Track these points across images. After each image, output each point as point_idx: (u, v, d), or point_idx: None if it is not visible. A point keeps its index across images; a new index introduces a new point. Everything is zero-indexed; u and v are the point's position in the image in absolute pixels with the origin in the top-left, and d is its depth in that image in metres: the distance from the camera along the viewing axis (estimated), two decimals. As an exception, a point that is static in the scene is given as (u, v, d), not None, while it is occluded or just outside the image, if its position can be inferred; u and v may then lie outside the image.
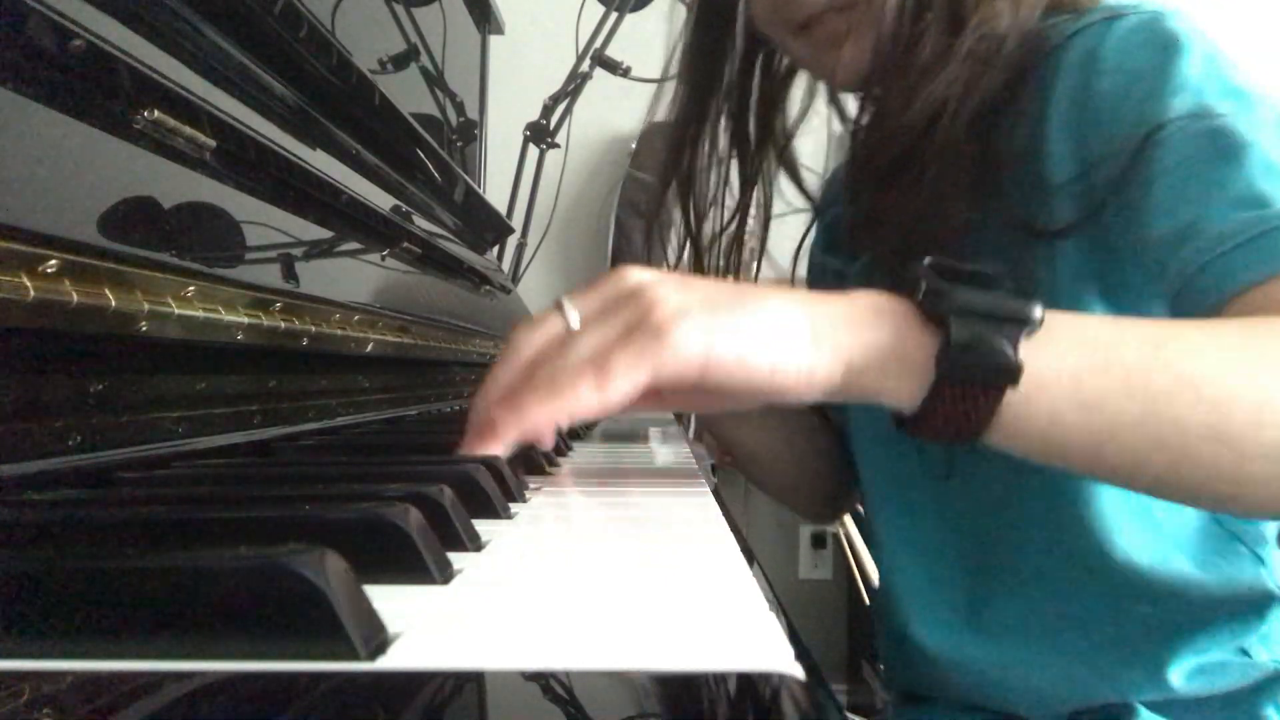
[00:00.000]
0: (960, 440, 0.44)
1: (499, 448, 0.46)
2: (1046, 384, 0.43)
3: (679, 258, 0.78)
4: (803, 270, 0.81)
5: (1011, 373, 0.42)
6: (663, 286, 0.44)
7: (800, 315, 0.44)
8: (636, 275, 0.45)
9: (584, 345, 0.44)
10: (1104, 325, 0.47)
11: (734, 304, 0.44)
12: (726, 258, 0.75)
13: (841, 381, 0.44)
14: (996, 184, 0.57)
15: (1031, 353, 0.43)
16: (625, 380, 0.42)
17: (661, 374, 0.42)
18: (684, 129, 0.73)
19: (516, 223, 1.88)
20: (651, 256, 0.79)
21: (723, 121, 0.73)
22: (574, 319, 0.46)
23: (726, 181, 0.76)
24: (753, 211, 0.76)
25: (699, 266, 0.75)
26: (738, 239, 0.75)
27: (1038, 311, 0.43)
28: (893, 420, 0.46)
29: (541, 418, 0.44)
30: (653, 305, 0.43)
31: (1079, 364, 0.43)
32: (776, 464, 0.79)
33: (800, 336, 0.43)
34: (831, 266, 0.75)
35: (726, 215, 0.76)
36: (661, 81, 0.75)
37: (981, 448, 0.45)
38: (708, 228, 0.75)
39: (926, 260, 0.45)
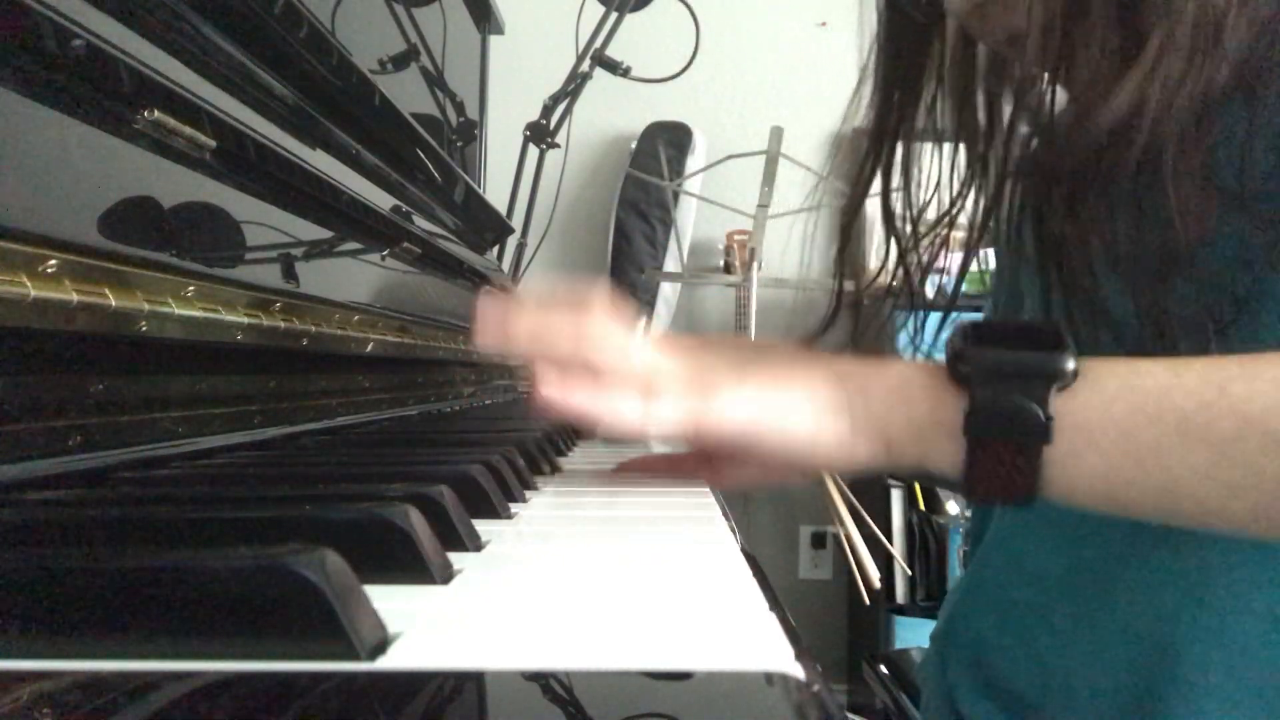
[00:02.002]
0: (1015, 502, 0.43)
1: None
2: (1093, 438, 0.41)
3: (885, 254, 0.73)
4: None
5: (1041, 429, 0.41)
6: (717, 352, 0.50)
7: (834, 391, 0.46)
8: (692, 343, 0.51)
9: (641, 364, 0.48)
10: (1158, 370, 0.42)
11: (771, 377, 0.47)
12: (931, 246, 0.72)
13: (885, 456, 0.46)
14: (1228, 192, 0.48)
15: (1069, 406, 0.41)
16: (669, 412, 0.46)
17: (704, 423, 0.46)
18: (884, 121, 0.69)
19: (516, 223, 1.88)
20: (847, 256, 0.75)
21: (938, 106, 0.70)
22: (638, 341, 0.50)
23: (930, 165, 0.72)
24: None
25: (902, 259, 0.72)
26: (948, 225, 0.72)
27: (1069, 363, 0.41)
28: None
29: (583, 409, 0.46)
30: (709, 365, 0.48)
31: (1127, 414, 0.41)
32: None
33: (837, 411, 0.45)
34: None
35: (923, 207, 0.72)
36: (660, 81, 0.73)
37: (1048, 505, 0.44)
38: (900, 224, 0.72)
39: (962, 320, 0.45)
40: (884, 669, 1.12)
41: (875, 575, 0.68)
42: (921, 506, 2.17)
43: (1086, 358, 0.43)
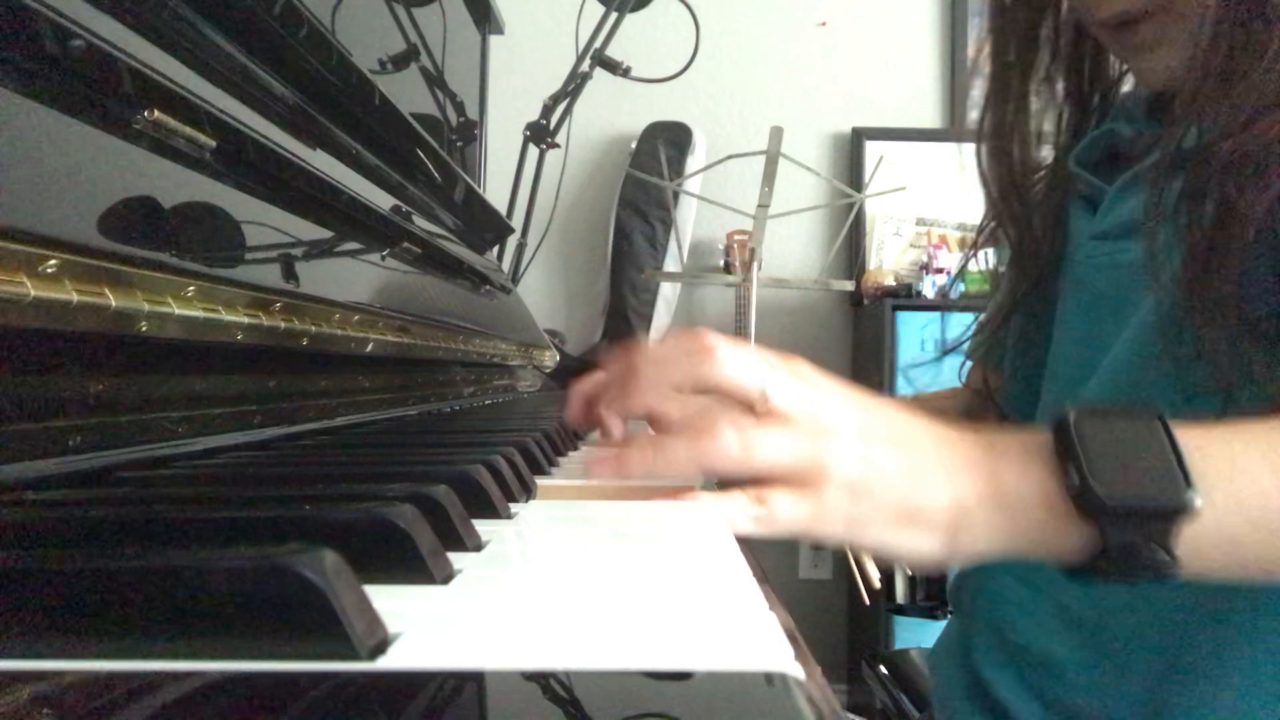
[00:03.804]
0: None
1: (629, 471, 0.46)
2: (1204, 553, 0.44)
3: (988, 222, 0.73)
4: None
5: (1169, 572, 0.43)
6: (837, 420, 0.44)
7: (947, 508, 0.44)
8: (811, 389, 0.45)
9: (760, 456, 0.43)
10: (1259, 467, 0.44)
11: (895, 486, 0.44)
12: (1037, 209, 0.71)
13: (997, 556, 0.45)
14: None
15: (1187, 532, 0.43)
16: (785, 525, 0.43)
17: (812, 532, 0.44)
18: (1005, 85, 0.70)
19: (516, 223, 1.88)
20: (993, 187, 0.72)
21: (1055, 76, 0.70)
22: (772, 394, 0.45)
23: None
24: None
25: (1010, 218, 0.72)
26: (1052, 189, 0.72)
27: (1196, 499, 0.42)
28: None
29: (684, 466, 0.44)
30: (828, 447, 0.43)
31: (1236, 528, 0.44)
32: None
33: (942, 531, 0.44)
34: (1082, 184, 0.69)
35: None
36: (660, 81, 0.73)
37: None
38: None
39: (1072, 414, 0.43)
40: (884, 669, 1.12)
41: (875, 575, 0.67)
42: (921, 506, 2.17)
43: (1189, 447, 0.43)
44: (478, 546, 0.37)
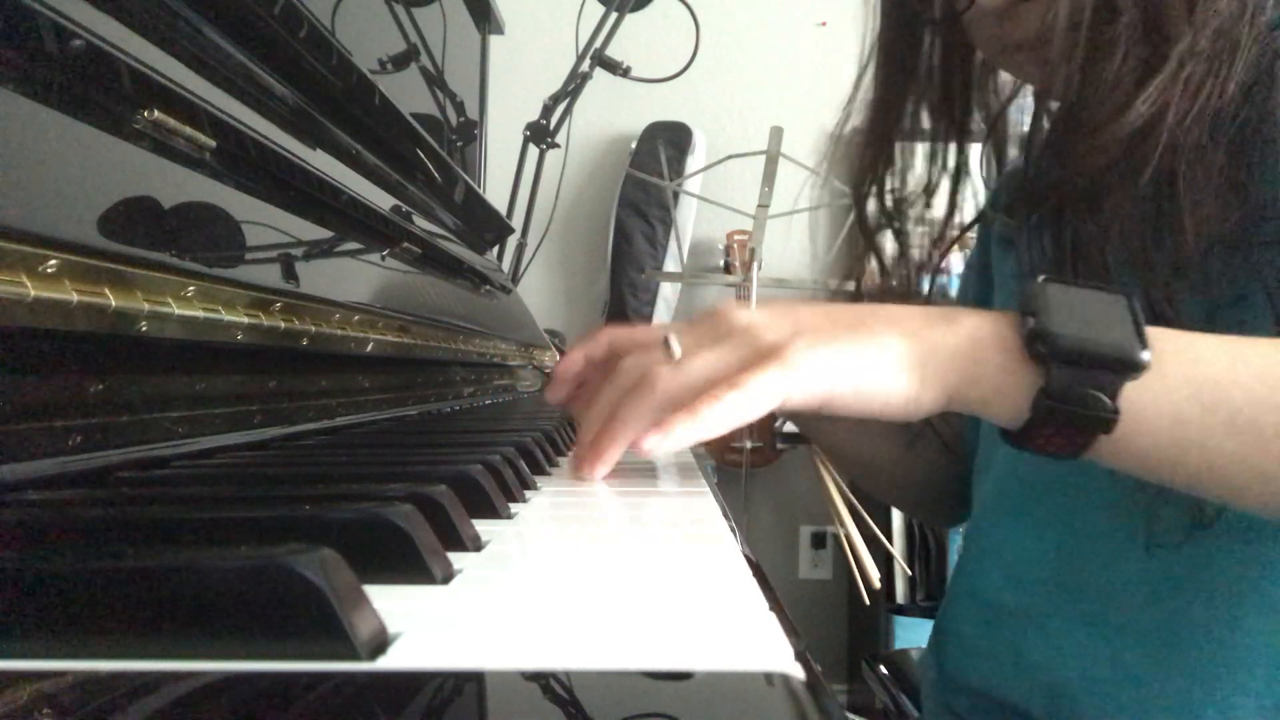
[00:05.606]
0: (1060, 458, 0.45)
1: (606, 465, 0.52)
2: (1148, 424, 0.43)
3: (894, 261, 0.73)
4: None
5: (1106, 423, 0.43)
6: (774, 322, 0.48)
7: (907, 348, 0.47)
8: (741, 312, 0.49)
9: (699, 368, 0.48)
10: (1219, 359, 0.44)
11: (848, 336, 0.47)
12: (932, 248, 0.72)
13: (945, 405, 0.47)
14: (1244, 193, 0.50)
15: (1135, 394, 0.43)
16: (763, 396, 0.45)
17: (792, 397, 0.46)
18: (883, 120, 0.70)
19: (516, 223, 1.88)
20: (865, 254, 0.74)
21: (923, 109, 0.70)
22: (677, 349, 0.49)
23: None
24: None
25: (903, 258, 0.73)
26: (944, 227, 0.72)
27: (1145, 355, 0.43)
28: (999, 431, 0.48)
29: (684, 437, 0.46)
30: (773, 338, 0.47)
31: (1184, 403, 0.43)
32: (877, 473, 0.78)
33: (909, 369, 0.46)
34: (1000, 226, 0.71)
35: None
36: (660, 81, 0.72)
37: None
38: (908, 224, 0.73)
39: (1042, 279, 0.45)
40: (884, 669, 1.12)
41: (875, 575, 0.67)
42: (921, 506, 2.17)
43: (1154, 331, 0.44)
44: (478, 546, 0.37)
